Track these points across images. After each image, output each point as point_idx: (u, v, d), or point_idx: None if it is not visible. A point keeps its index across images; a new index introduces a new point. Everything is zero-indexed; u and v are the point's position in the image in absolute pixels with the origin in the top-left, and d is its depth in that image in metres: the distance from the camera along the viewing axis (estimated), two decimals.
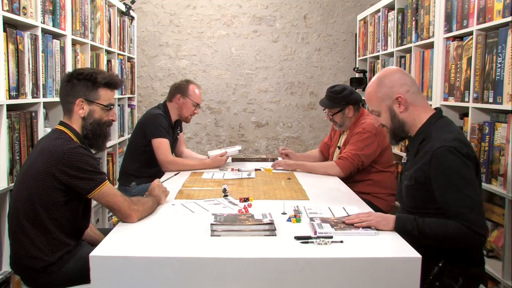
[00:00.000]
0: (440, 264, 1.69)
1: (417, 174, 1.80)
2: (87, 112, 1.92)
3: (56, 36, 2.73)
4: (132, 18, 4.50)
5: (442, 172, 1.71)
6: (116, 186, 3.44)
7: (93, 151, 2.10)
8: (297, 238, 1.62)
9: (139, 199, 1.93)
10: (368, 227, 1.70)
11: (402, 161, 2.04)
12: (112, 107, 1.99)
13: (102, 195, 1.80)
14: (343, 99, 2.93)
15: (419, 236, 1.69)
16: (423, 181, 1.78)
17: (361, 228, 1.70)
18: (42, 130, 2.46)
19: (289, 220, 1.84)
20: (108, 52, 3.75)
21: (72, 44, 2.92)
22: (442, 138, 1.75)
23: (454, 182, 1.69)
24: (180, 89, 3.21)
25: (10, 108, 2.20)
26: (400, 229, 1.71)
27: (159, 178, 2.79)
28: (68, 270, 1.80)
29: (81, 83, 1.91)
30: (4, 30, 2.12)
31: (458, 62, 2.60)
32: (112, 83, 1.97)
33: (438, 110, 1.89)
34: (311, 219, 1.80)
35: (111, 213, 3.60)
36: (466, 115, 2.49)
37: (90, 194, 1.80)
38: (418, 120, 1.86)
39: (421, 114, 1.86)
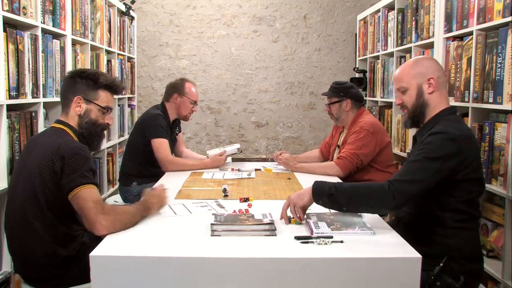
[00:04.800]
0: (441, 264, 1.70)
1: None
2: (84, 110, 1.93)
3: (56, 36, 2.73)
4: (132, 18, 4.50)
5: (422, 145, 1.78)
6: (117, 186, 3.44)
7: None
8: (297, 238, 1.62)
9: (115, 208, 1.77)
10: (365, 228, 1.70)
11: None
12: (109, 110, 1.99)
13: (73, 198, 1.72)
14: (342, 89, 3.02)
15: (336, 194, 1.72)
16: None
17: (357, 228, 1.70)
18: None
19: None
20: (108, 52, 3.75)
21: (72, 44, 2.93)
22: (443, 126, 1.79)
23: (422, 151, 1.75)
24: (176, 88, 3.21)
25: (10, 108, 2.20)
26: (317, 191, 1.76)
27: (160, 178, 2.80)
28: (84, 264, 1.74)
29: (83, 81, 1.93)
30: (4, 30, 2.12)
31: (458, 62, 2.60)
32: (113, 87, 1.99)
33: (452, 107, 1.94)
34: (308, 216, 1.81)
35: None
36: (466, 115, 2.49)
37: (69, 195, 1.73)
38: (438, 108, 1.90)
39: (442, 103, 1.90)
